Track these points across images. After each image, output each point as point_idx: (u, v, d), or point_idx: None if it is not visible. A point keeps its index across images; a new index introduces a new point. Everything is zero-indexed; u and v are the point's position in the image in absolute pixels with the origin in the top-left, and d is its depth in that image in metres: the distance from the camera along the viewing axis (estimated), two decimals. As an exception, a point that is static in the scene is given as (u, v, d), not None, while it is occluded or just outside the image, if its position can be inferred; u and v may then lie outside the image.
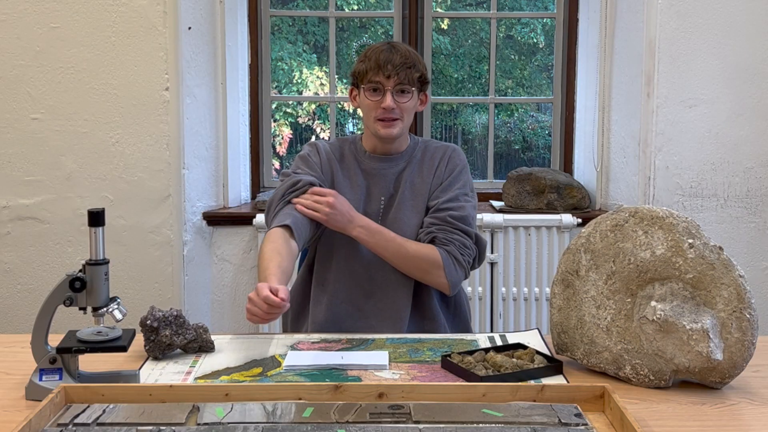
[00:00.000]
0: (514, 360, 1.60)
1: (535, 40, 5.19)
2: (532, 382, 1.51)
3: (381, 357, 1.65)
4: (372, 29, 4.92)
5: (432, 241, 1.96)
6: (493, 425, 1.26)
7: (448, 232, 1.95)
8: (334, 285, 2.01)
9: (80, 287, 1.46)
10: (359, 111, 2.25)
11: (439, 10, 4.14)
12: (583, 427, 1.27)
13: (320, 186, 1.98)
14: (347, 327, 1.99)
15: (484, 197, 3.36)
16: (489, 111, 3.57)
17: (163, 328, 1.65)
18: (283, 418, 1.28)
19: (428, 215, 2.00)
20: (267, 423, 1.26)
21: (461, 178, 2.03)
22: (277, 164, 4.30)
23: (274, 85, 4.14)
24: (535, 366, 1.58)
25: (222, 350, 1.72)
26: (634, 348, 1.53)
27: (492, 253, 3.03)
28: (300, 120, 5.26)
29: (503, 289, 3.05)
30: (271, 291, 1.58)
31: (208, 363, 1.64)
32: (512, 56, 5.24)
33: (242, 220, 3.09)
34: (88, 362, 1.52)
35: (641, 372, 1.52)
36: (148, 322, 1.64)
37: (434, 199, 2.01)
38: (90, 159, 2.87)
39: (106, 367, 1.56)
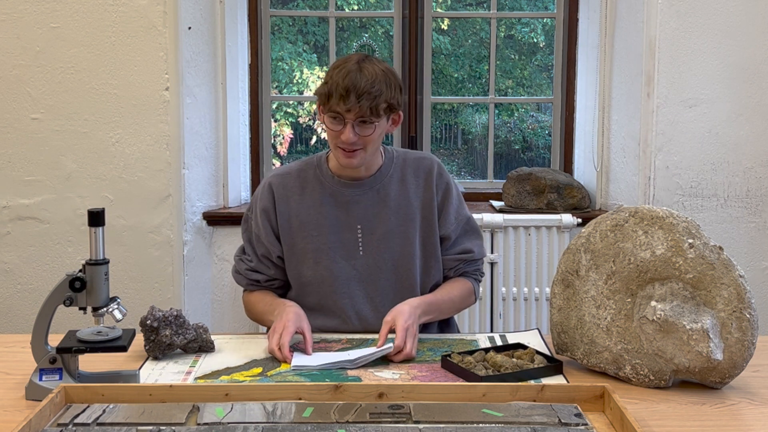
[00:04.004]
0: (514, 360, 1.60)
1: (535, 40, 5.19)
2: (532, 382, 1.51)
3: (386, 344, 1.67)
4: (372, 29, 4.92)
5: (462, 275, 1.99)
6: (493, 425, 1.26)
7: (470, 263, 1.99)
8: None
9: (80, 287, 1.46)
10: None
11: (439, 10, 4.14)
12: (583, 427, 1.27)
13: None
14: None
15: (484, 197, 3.35)
16: (489, 111, 3.57)
17: (163, 328, 1.65)
18: (283, 418, 1.28)
19: (448, 254, 1.95)
20: (267, 423, 1.26)
21: (456, 198, 1.97)
22: (277, 164, 4.30)
23: (275, 85, 4.14)
24: (535, 366, 1.58)
25: (222, 350, 1.72)
26: (634, 348, 1.53)
27: (492, 253, 3.02)
28: (301, 120, 5.26)
29: (503, 289, 3.04)
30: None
31: (208, 363, 1.64)
32: (512, 56, 5.24)
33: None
34: (88, 362, 1.52)
35: (641, 372, 1.52)
36: (148, 322, 1.64)
37: (445, 233, 1.94)
38: (90, 159, 2.86)
39: (106, 367, 1.56)
